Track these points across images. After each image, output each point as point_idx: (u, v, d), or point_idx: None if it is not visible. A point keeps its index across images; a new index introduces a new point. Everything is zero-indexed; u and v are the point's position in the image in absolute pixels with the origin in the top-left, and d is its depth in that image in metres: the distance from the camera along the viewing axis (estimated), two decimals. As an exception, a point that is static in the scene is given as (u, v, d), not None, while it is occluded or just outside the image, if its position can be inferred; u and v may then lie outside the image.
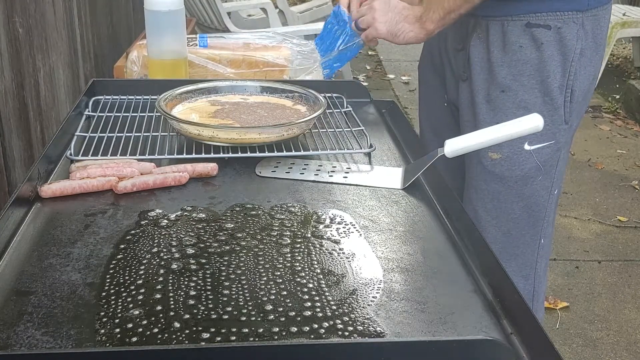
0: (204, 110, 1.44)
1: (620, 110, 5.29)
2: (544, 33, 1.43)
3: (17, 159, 2.31)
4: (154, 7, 1.68)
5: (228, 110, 1.44)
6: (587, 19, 1.44)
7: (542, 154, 1.49)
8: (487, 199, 1.54)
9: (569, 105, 1.48)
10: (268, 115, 1.42)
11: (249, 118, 1.40)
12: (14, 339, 0.78)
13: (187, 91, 1.49)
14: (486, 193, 1.54)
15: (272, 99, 1.53)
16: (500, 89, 1.48)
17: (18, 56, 2.25)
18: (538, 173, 1.50)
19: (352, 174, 1.26)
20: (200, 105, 1.48)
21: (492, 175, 1.51)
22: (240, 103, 1.50)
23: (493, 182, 1.52)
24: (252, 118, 1.40)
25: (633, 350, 2.63)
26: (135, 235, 1.02)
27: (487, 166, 1.51)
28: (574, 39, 1.43)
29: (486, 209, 1.55)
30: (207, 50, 1.91)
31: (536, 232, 1.56)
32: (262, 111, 1.44)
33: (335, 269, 0.95)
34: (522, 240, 1.56)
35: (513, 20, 1.44)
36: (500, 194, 1.52)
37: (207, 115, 1.42)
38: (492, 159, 1.50)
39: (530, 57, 1.45)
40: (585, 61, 1.46)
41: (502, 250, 1.55)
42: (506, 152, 1.49)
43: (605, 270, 3.16)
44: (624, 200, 3.85)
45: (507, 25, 1.45)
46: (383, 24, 1.53)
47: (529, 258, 1.57)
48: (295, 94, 1.51)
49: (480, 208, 1.55)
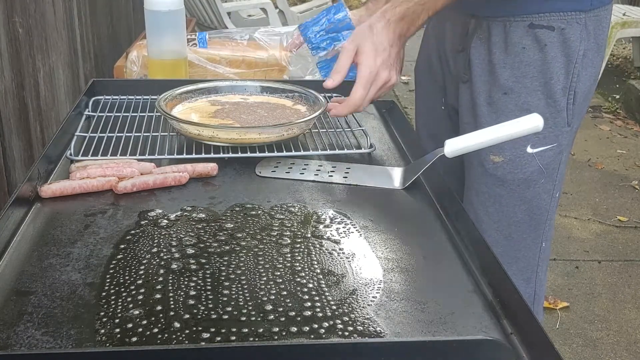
0: (204, 110, 1.44)
1: (620, 110, 5.29)
2: (547, 34, 1.42)
3: (17, 159, 2.31)
4: (154, 7, 1.68)
5: (228, 110, 1.44)
6: (590, 19, 1.43)
7: (545, 157, 1.48)
8: (489, 202, 1.52)
9: (572, 108, 1.47)
10: (268, 115, 1.42)
11: (249, 118, 1.40)
12: (14, 339, 0.78)
13: (187, 91, 1.49)
14: (487, 196, 1.52)
15: (272, 99, 1.53)
16: (502, 91, 1.46)
17: (18, 56, 2.25)
18: (540, 176, 1.49)
19: (352, 174, 1.26)
20: (200, 105, 1.48)
21: (494, 178, 1.50)
22: (240, 103, 1.50)
23: (495, 186, 1.51)
24: (252, 118, 1.40)
25: (633, 350, 2.63)
26: (135, 235, 1.02)
27: (488, 169, 1.50)
28: (578, 40, 1.42)
29: (487, 213, 1.53)
30: (207, 50, 1.91)
31: (538, 235, 1.55)
32: (262, 111, 1.44)
33: (335, 269, 0.95)
34: (523, 244, 1.55)
35: (516, 20, 1.43)
36: (502, 197, 1.51)
37: (207, 115, 1.42)
38: (494, 162, 1.48)
39: (533, 59, 1.44)
40: (587, 62, 1.45)
41: (503, 254, 1.54)
42: (508, 155, 1.47)
43: (605, 270, 3.16)
44: (624, 200, 3.85)
45: (510, 26, 1.44)
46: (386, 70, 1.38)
47: (530, 261, 1.56)
48: (295, 94, 1.51)
49: (481, 211, 1.54)
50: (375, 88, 1.35)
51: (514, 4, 1.43)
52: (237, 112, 1.43)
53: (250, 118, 1.40)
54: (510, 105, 1.46)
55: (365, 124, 1.48)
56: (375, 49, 1.33)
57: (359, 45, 1.34)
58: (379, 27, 1.34)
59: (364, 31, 1.35)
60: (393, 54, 1.36)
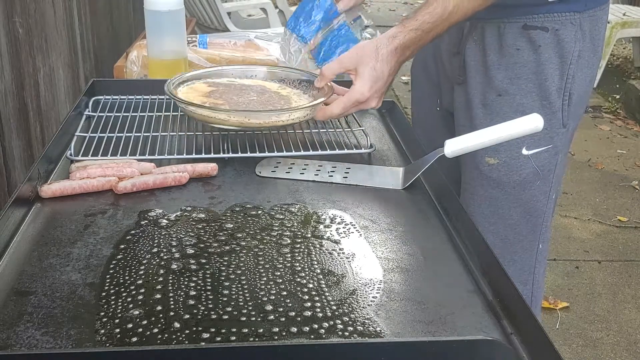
0: (200, 90, 1.45)
1: (620, 110, 5.29)
2: (541, 35, 1.41)
3: (17, 159, 2.31)
4: (154, 7, 1.68)
5: (222, 91, 1.45)
6: (585, 20, 1.42)
7: (540, 159, 1.47)
8: (485, 204, 1.52)
9: (567, 109, 1.46)
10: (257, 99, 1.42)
11: (240, 100, 1.40)
12: (14, 339, 0.78)
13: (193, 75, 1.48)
14: (483, 198, 1.52)
15: (266, 84, 1.52)
16: (496, 92, 1.46)
17: (18, 56, 2.25)
18: (536, 178, 1.48)
19: (352, 174, 1.26)
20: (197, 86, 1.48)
21: (490, 180, 1.50)
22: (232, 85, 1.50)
23: (490, 188, 1.50)
24: (243, 100, 1.40)
25: (633, 350, 2.63)
26: (135, 235, 1.02)
27: (484, 171, 1.49)
28: (572, 41, 1.42)
29: (483, 215, 1.53)
30: (207, 50, 1.91)
31: (535, 237, 1.54)
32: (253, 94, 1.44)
33: (335, 269, 0.95)
34: (520, 246, 1.54)
35: (509, 22, 1.42)
36: (498, 199, 1.50)
37: (202, 94, 1.42)
38: (489, 164, 1.48)
39: (528, 60, 1.43)
40: (583, 63, 1.45)
41: (499, 256, 1.52)
42: (503, 157, 1.47)
43: (605, 270, 3.16)
44: (624, 200, 3.85)
45: (504, 28, 1.43)
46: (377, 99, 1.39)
47: (527, 263, 1.56)
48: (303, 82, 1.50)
49: (477, 213, 1.53)
50: (356, 109, 1.38)
51: (508, 6, 1.42)
52: (229, 93, 1.43)
53: (241, 100, 1.40)
54: (505, 106, 1.46)
55: (365, 124, 1.48)
56: (374, 79, 1.33)
57: (359, 66, 1.33)
58: (384, 53, 1.33)
59: (369, 53, 1.33)
60: (388, 82, 1.36)
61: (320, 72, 1.41)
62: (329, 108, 1.36)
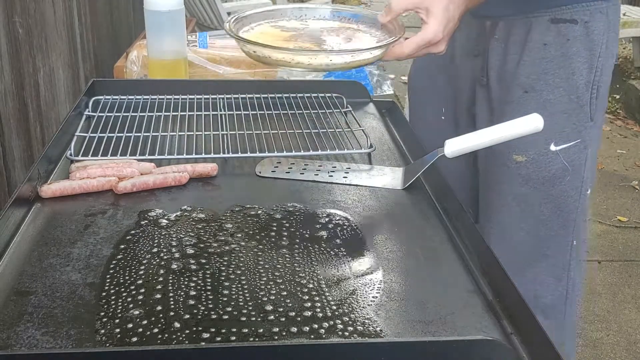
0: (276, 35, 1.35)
1: (620, 110, 5.29)
2: (570, 28, 1.37)
3: (17, 159, 2.31)
4: (154, 7, 1.68)
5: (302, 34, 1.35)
6: (611, 8, 1.38)
7: (569, 154, 1.44)
8: (513, 202, 1.48)
9: (595, 102, 1.42)
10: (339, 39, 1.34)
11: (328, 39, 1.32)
12: (14, 339, 0.78)
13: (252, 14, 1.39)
14: (512, 197, 1.48)
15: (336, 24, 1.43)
16: (522, 89, 1.42)
17: (18, 56, 2.25)
18: (566, 173, 1.45)
19: (352, 174, 1.26)
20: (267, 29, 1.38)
21: (518, 177, 1.46)
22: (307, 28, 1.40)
23: (519, 185, 1.47)
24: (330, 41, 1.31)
25: (633, 350, 2.63)
26: (135, 235, 1.02)
27: (512, 169, 1.46)
28: (601, 33, 1.38)
29: (510, 213, 1.49)
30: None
31: (567, 232, 1.50)
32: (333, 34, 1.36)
33: (335, 269, 0.95)
34: (552, 241, 1.50)
35: (535, 17, 1.39)
36: (527, 196, 1.47)
37: (282, 39, 1.33)
38: (517, 162, 1.45)
39: (555, 55, 1.39)
40: (608, 54, 1.41)
41: (531, 251, 1.50)
42: (532, 154, 1.43)
43: (605, 270, 3.16)
44: (624, 200, 3.85)
45: (530, 24, 1.39)
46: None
47: (560, 259, 1.52)
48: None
49: (504, 212, 1.50)
50: (425, 52, 1.28)
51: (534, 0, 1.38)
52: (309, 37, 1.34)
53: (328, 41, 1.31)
54: (532, 103, 1.42)
55: (365, 124, 1.48)
56: (447, 19, 1.24)
57: (432, 5, 1.23)
58: None
59: None
60: (455, 28, 1.28)
61: (387, 6, 1.30)
62: (399, 48, 1.26)
